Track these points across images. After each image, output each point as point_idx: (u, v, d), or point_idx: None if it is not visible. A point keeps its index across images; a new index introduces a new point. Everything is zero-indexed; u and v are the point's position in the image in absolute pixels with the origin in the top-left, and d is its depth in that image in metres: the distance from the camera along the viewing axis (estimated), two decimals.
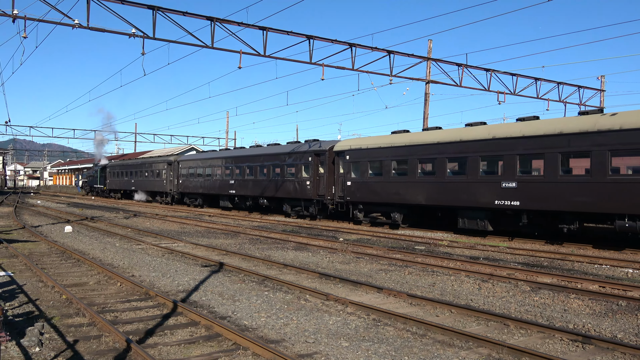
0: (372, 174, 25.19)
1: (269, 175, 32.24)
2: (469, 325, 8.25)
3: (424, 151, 22.55)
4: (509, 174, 19.17)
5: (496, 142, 19.70)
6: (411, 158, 23.07)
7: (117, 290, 10.65)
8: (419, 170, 22.97)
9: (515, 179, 18.98)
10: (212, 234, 22.03)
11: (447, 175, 21.58)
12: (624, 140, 16.24)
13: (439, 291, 10.80)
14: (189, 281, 11.61)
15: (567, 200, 17.55)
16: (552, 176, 17.92)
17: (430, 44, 29.00)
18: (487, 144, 20.05)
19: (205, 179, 39.98)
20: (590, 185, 17.03)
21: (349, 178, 26.19)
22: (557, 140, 17.83)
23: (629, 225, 16.13)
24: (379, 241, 19.76)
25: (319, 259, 15.15)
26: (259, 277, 11.91)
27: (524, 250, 16.92)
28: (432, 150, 22.14)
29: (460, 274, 12.70)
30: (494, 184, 19.72)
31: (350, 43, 23.89)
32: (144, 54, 20.43)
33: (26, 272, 12.62)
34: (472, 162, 20.55)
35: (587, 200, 17.08)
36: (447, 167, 21.64)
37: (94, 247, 17.28)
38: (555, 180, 17.84)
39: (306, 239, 19.78)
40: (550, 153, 17.97)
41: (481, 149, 20.24)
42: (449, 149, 21.44)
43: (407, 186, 23.21)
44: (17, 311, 8.89)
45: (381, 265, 14.09)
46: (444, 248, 17.79)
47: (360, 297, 9.97)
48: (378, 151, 24.89)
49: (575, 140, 17.43)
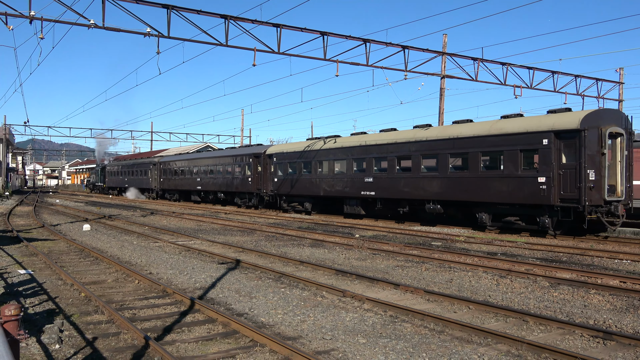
0: (291, 173, 32.16)
1: (224, 173, 39.93)
2: (488, 322, 8.18)
3: (321, 155, 29.82)
4: (369, 172, 26.28)
5: (364, 148, 26.76)
6: (313, 160, 30.23)
7: (134, 288, 10.73)
8: (319, 169, 29.90)
9: (372, 175, 26.14)
10: (228, 231, 22.12)
11: (335, 172, 28.69)
12: (428, 147, 23.19)
13: (456, 287, 10.72)
14: (205, 278, 11.67)
15: (401, 190, 24.46)
16: (392, 173, 24.96)
17: (445, 39, 28.79)
18: (358, 149, 27.11)
19: (179, 178, 47.79)
20: (412, 179, 23.83)
21: (276, 175, 33.44)
22: (394, 146, 24.85)
23: (432, 207, 22.84)
24: (395, 237, 19.69)
25: (335, 255, 15.14)
26: (276, 274, 11.92)
27: (542, 246, 16.75)
28: (326, 154, 29.40)
29: (477, 269, 12.60)
30: (361, 179, 26.73)
31: (364, 39, 23.78)
32: (159, 53, 20.51)
33: (46, 270, 12.78)
34: (348, 162, 27.79)
35: (411, 190, 23.90)
36: (334, 166, 28.75)
37: (112, 245, 17.44)
38: (393, 176, 24.88)
39: (322, 236, 19.77)
40: (391, 156, 25.00)
41: (353, 152, 27.43)
42: (336, 153, 28.69)
43: (311, 182, 30.33)
44: (37, 309, 9.00)
45: (398, 261, 14.04)
46: (461, 244, 17.67)
47: (377, 294, 9.94)
48: (292, 155, 32.19)
49: (403, 147, 24.43)
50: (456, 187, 21.75)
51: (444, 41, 28.82)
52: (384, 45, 24.41)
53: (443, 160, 22.30)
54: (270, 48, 21.86)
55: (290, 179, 31.86)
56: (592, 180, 17.83)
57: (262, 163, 35.16)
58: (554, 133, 18.42)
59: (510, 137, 19.72)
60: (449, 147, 22.12)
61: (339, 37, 23.40)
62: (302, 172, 30.89)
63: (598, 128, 18.10)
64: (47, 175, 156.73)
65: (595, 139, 18.05)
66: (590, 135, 17.92)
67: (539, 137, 18.77)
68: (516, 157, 19.49)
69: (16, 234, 19.84)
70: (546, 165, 18.54)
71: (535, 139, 18.90)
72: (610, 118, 18.72)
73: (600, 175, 17.95)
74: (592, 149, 17.97)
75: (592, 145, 17.98)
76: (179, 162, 48.38)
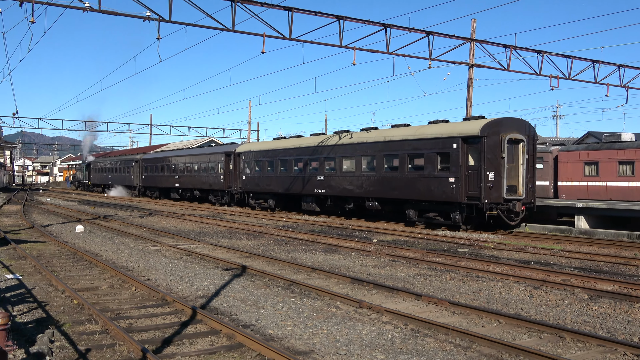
0: (257, 171, 36.18)
1: (200, 171, 43.93)
2: (520, 337, 8.13)
3: (281, 154, 33.87)
4: (321, 171, 30.28)
5: (316, 148, 30.74)
6: (275, 159, 34.32)
7: (131, 295, 10.80)
8: (280, 168, 33.83)
9: (323, 174, 30.05)
10: (233, 234, 22.20)
11: (294, 171, 32.51)
12: (367, 149, 27.31)
13: (484, 299, 10.67)
14: (208, 286, 11.71)
15: (346, 188, 28.48)
16: (339, 172, 28.99)
17: (474, 24, 28.63)
18: (312, 149, 31.12)
19: (159, 175, 51.88)
20: (355, 178, 27.85)
21: (245, 173, 37.53)
22: (340, 148, 29.04)
23: (371, 204, 26.76)
24: (417, 243, 19.64)
25: (351, 262, 15.13)
26: (285, 281, 11.94)
27: (580, 254, 16.63)
28: (286, 153, 33.44)
29: (508, 279, 12.54)
30: (314, 177, 30.69)
31: (384, 24, 23.72)
32: (160, 39, 20.63)
33: (35, 275, 12.90)
34: (304, 162, 31.73)
35: (354, 188, 27.84)
36: (293, 165, 32.60)
37: (107, 249, 17.57)
38: (340, 175, 28.92)
39: (336, 240, 19.78)
40: (338, 156, 29.27)
41: (309, 152, 31.47)
42: (294, 152, 32.66)
43: (274, 180, 34.38)
44: (25, 317, 9.09)
45: (420, 269, 14.01)
46: (490, 251, 17.59)
47: (397, 305, 9.92)
48: (258, 153, 36.17)
49: (347, 148, 28.61)
50: (389, 185, 25.87)
51: (472, 26, 28.67)
52: (406, 31, 24.34)
53: (379, 161, 26.59)
54: (280, 34, 21.89)
55: (257, 177, 36.20)
56: (491, 181, 21.74)
57: (233, 161, 39.18)
58: (462, 138, 22.51)
59: (430, 141, 23.99)
60: (384, 149, 26.38)
61: (357, 22, 23.37)
62: (266, 170, 35.16)
63: (498, 134, 22.00)
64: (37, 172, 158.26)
65: (495, 144, 21.91)
66: (489, 141, 21.86)
67: (450, 142, 22.92)
68: (434, 159, 23.61)
69: (3, 235, 20.06)
70: (455, 167, 22.60)
71: (448, 143, 23.03)
72: (511, 126, 22.68)
73: (500, 177, 21.82)
74: (492, 153, 21.87)
75: (492, 149, 21.88)
76: (159, 159, 53.01)
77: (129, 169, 59.98)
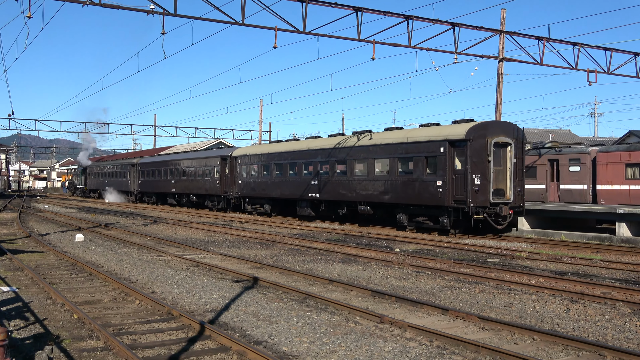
0: (253, 175, 37.88)
1: (196, 176, 45.50)
2: (556, 355, 8.07)
3: (276, 158, 35.38)
4: (315, 175, 31.63)
5: (311, 152, 32.50)
6: (270, 163, 35.80)
7: (135, 309, 10.87)
8: (276, 172, 35.36)
9: (317, 178, 31.43)
10: (244, 243, 22.27)
11: (289, 175, 33.93)
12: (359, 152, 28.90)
13: (517, 313, 10.61)
14: (217, 299, 11.76)
15: (339, 192, 29.97)
16: (332, 176, 30.54)
17: (504, 14, 28.52)
18: (307, 153, 32.86)
19: (156, 180, 53.59)
20: (347, 182, 29.49)
21: (241, 178, 39.11)
22: (334, 151, 30.46)
23: (363, 208, 28.40)
24: (442, 252, 19.57)
25: (371, 273, 15.12)
26: (300, 294, 11.95)
27: (622, 264, 16.47)
28: (280, 157, 35.01)
29: (543, 292, 12.46)
30: (309, 182, 32.07)
31: (406, 15, 23.70)
32: (164, 34, 20.76)
33: (33, 288, 13.04)
34: (299, 166, 33.31)
35: (347, 192, 29.39)
36: (288, 169, 34.09)
37: (109, 259, 17.71)
38: (333, 179, 30.51)
39: (355, 250, 19.77)
40: (331, 159, 30.58)
41: (302, 156, 33.06)
42: (289, 156, 34.21)
43: (269, 184, 35.93)
44: (23, 332, 9.18)
45: (446, 281, 13.96)
46: (523, 261, 17.48)
47: (421, 320, 9.89)
48: (254, 157, 37.76)
49: (341, 152, 30.01)
50: (381, 189, 27.41)
51: (502, 17, 28.56)
52: (429, 23, 24.29)
53: (371, 165, 28.12)
54: (294, 27, 21.96)
55: (253, 181, 37.94)
56: (477, 185, 23.04)
57: (229, 165, 40.70)
58: (449, 142, 23.96)
59: (419, 144, 25.52)
60: (377, 152, 27.85)
61: (376, 14, 23.38)
62: (262, 174, 36.96)
63: (484, 138, 23.39)
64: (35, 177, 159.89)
65: (481, 147, 23.30)
66: (475, 144, 23.25)
67: (438, 145, 24.41)
68: (423, 163, 25.13)
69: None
70: (443, 171, 24.04)
71: (435, 147, 24.54)
72: (498, 129, 24.15)
73: (487, 180, 23.18)
74: (478, 157, 23.24)
75: (478, 153, 23.27)
76: (156, 163, 54.91)
77: (125, 173, 61.60)
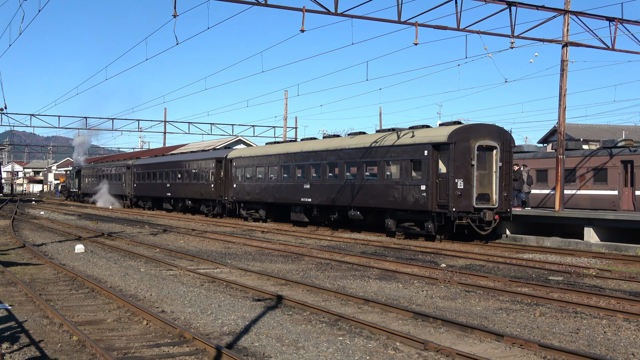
0: (248, 179, 40.63)
1: (191, 179, 47.99)
2: None
3: (271, 160, 37.86)
4: (307, 178, 33.88)
5: (301, 154, 34.78)
6: (265, 166, 38.30)
7: (142, 331, 10.96)
8: (270, 175, 37.79)
9: (310, 181, 33.67)
10: (266, 256, 22.35)
11: (283, 179, 36.45)
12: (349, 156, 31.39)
13: (585, 340, 10.49)
14: (236, 320, 11.80)
15: (330, 197, 32.12)
16: (324, 180, 32.68)
17: None
18: (299, 155, 35.13)
19: (151, 183, 56.35)
20: (339, 186, 31.51)
21: (236, 181, 41.79)
22: (326, 154, 32.97)
23: (353, 213, 30.87)
24: (496, 268, 19.42)
25: (413, 292, 15.05)
26: (331, 316, 11.94)
27: None
28: (275, 160, 37.49)
29: (615, 316, 12.29)
30: (301, 185, 34.35)
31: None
32: (176, 16, 20.90)
33: (27, 305, 13.22)
34: (292, 169, 35.68)
35: (338, 197, 31.55)
36: (282, 173, 36.56)
37: (113, 273, 17.90)
38: (325, 182, 32.69)
39: (394, 265, 19.70)
40: (323, 163, 32.92)
41: (295, 158, 35.18)
42: (282, 159, 36.63)
43: (264, 188, 38.43)
44: (16, 356, 9.32)
45: (501, 302, 13.84)
46: (591, 279, 17.26)
47: (472, 347, 9.82)
48: (249, 160, 40.44)
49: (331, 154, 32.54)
50: (370, 194, 29.61)
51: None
52: (482, 2, 24.15)
53: (360, 168, 30.37)
54: (324, 7, 21.98)
55: (248, 185, 40.54)
56: (460, 189, 24.96)
57: (225, 168, 43.07)
58: (432, 145, 26.18)
59: (405, 147, 27.71)
60: (364, 155, 30.10)
61: None
62: (257, 178, 39.42)
63: (468, 141, 25.31)
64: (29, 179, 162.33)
65: (464, 150, 25.21)
66: (458, 148, 25.27)
67: (422, 149, 26.59)
68: (408, 167, 27.34)
69: None
70: (426, 174, 26.21)
71: (420, 150, 26.76)
72: (482, 132, 26.11)
73: (470, 184, 25.08)
74: (461, 160, 25.20)
75: (461, 156, 25.21)
76: (152, 165, 57.76)
77: (120, 176, 64.01)
